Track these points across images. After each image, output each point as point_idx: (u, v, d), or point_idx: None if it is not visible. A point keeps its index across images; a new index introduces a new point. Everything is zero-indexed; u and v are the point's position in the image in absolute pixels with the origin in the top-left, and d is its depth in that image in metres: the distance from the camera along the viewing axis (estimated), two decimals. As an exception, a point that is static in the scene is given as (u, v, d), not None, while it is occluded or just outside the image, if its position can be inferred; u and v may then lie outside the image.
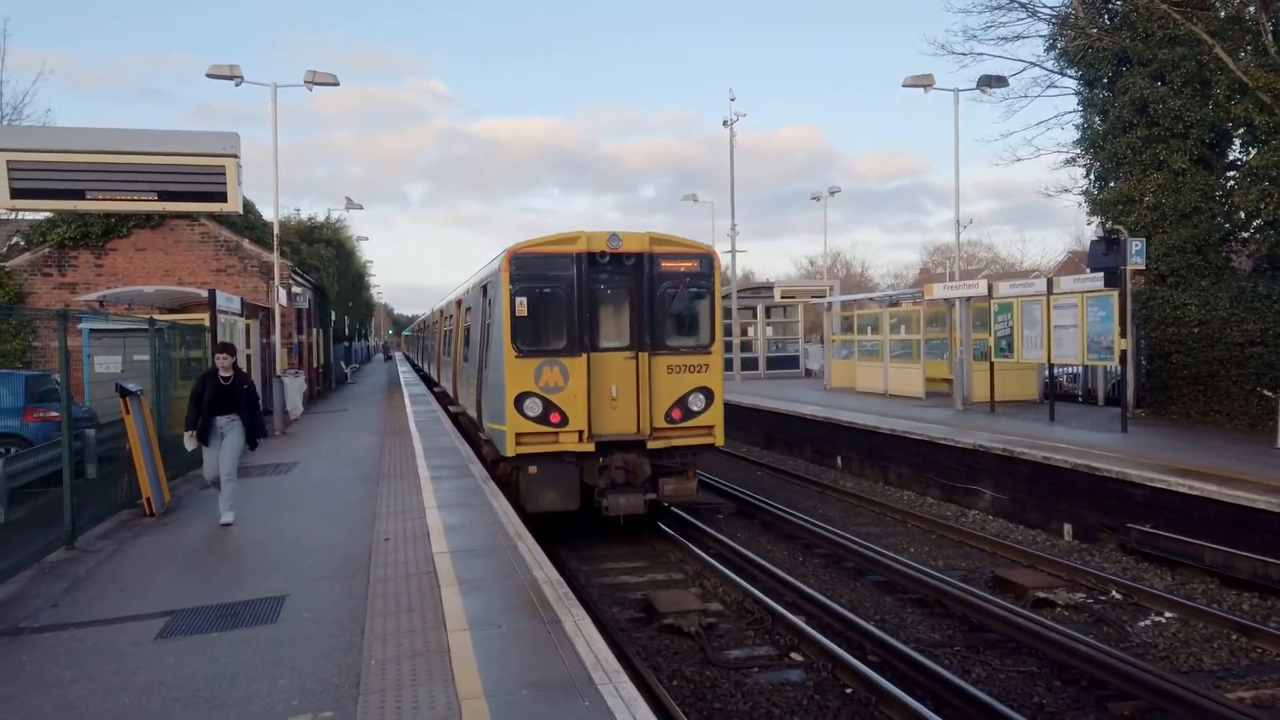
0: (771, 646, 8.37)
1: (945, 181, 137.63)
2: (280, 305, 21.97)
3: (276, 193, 21.94)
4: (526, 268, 11.87)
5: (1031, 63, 23.02)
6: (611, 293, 12.18)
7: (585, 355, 11.80)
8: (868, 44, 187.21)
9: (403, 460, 14.29)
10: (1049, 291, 16.86)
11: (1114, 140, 19.50)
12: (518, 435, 11.68)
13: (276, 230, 21.76)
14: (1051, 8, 21.90)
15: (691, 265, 12.35)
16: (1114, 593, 9.70)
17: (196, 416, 9.96)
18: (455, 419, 20.32)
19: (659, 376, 12.06)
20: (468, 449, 15.50)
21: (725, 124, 32.47)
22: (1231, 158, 19.59)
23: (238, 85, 19.94)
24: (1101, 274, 16.79)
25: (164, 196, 9.46)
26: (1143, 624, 8.88)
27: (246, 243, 24.67)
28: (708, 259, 12.54)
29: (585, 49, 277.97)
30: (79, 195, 9.22)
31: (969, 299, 20.01)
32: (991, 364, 19.04)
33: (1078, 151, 21.70)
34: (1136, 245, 17.40)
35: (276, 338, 22.73)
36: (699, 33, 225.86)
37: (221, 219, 23.63)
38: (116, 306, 19.36)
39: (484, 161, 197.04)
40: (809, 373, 34.47)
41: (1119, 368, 15.70)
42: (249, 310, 20.65)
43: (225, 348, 10.38)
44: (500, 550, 8.28)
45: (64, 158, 9.05)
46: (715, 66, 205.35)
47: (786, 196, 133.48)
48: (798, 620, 8.61)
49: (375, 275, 68.39)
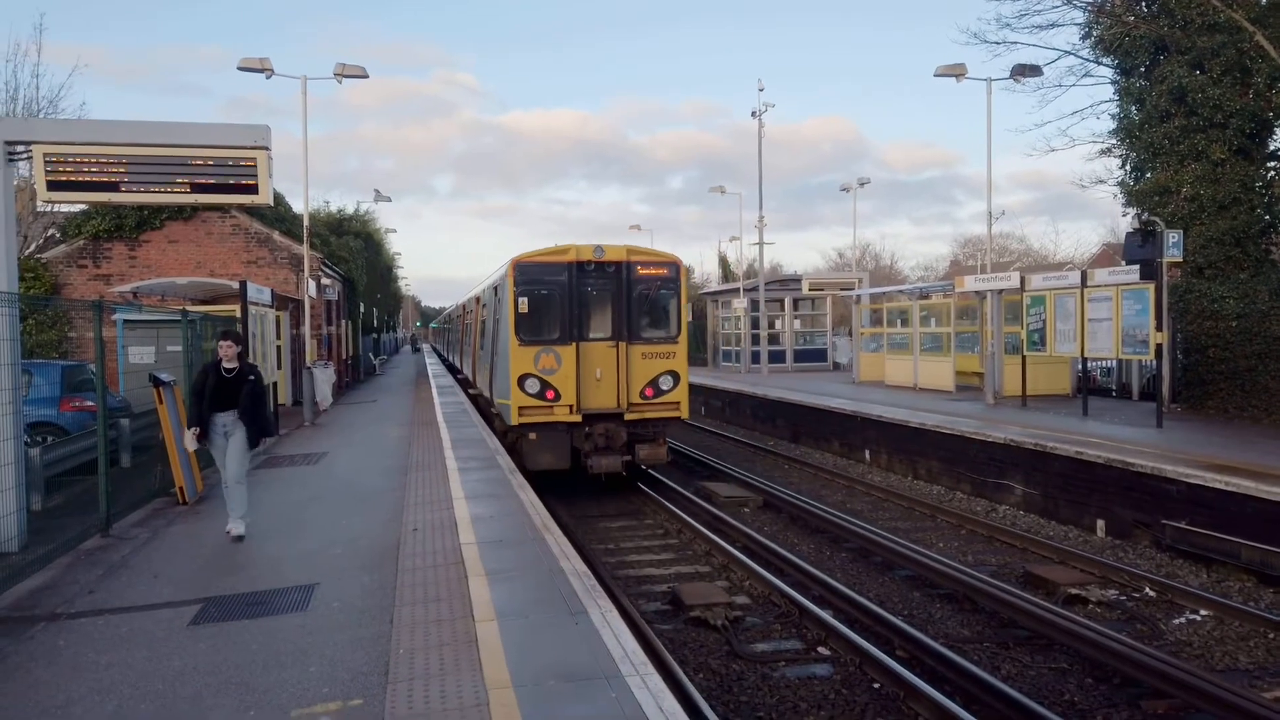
0: (798, 640, 8.33)
1: (977, 173, 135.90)
2: (310, 297, 22.16)
3: (306, 185, 22.19)
4: (527, 274, 14.45)
5: (1066, 51, 22.68)
6: (596, 294, 14.65)
7: (575, 344, 14.36)
8: (899, 34, 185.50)
9: (430, 451, 14.38)
10: (1083, 284, 16.61)
11: (1151, 130, 19.15)
12: (520, 408, 14.26)
13: (306, 222, 21.96)
14: (1087, -5, 21.55)
15: (661, 271, 14.87)
16: (1148, 590, 9.56)
17: (198, 413, 9.00)
18: (475, 400, 22.73)
19: (635, 362, 14.59)
20: (495, 441, 15.58)
21: (754, 115, 32.22)
22: (1272, 148, 19.16)
23: (268, 78, 20.16)
24: (1137, 266, 16.49)
25: (196, 189, 9.49)
26: (1177, 622, 8.74)
27: (277, 235, 24.93)
28: (675, 266, 15.04)
29: (613, 41, 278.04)
30: (113, 188, 9.28)
31: (1000, 291, 19.77)
32: (1023, 357, 18.80)
33: (1113, 142, 21.32)
34: (1173, 237, 17.09)
35: (306, 329, 22.94)
36: (727, 26, 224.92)
37: (252, 211, 23.89)
38: (150, 298, 19.65)
39: (511, 153, 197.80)
40: (837, 366, 34.26)
41: (1154, 362, 15.46)
42: (279, 302, 20.85)
43: (228, 334, 9.27)
44: (528, 541, 8.30)
45: (99, 150, 9.12)
46: (743, 58, 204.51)
47: (815, 188, 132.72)
48: (825, 614, 8.57)
49: (403, 267, 68.75)
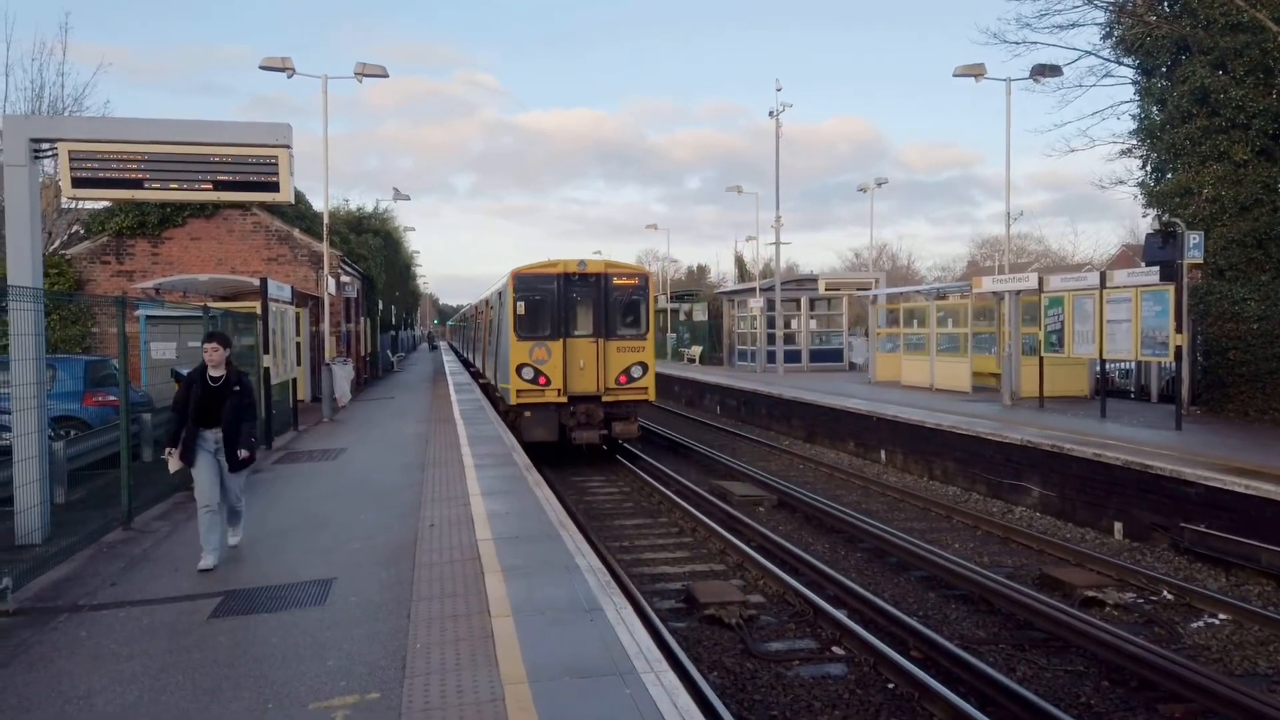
0: (813, 640, 8.33)
1: (996, 173, 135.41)
2: (329, 294, 22.33)
3: (326, 183, 22.29)
4: (525, 283, 17.62)
5: (1087, 51, 22.48)
6: (580, 299, 17.73)
7: (563, 340, 17.44)
8: (918, 35, 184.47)
9: (447, 448, 14.46)
10: (1102, 285, 16.50)
11: (1172, 131, 18.99)
12: (517, 391, 17.34)
13: (326, 220, 22.12)
14: (1109, -6, 21.38)
15: (633, 281, 18.00)
16: (1165, 593, 9.50)
17: (179, 429, 7.72)
18: (485, 389, 25.83)
19: (611, 354, 17.62)
20: (511, 439, 15.66)
21: (771, 115, 32.17)
22: (1295, 149, 18.99)
23: (289, 77, 20.33)
24: (1157, 268, 16.38)
25: (219, 186, 9.59)
26: (1195, 625, 8.68)
27: (297, 232, 25.12)
28: (644, 277, 18.42)
29: (633, 41, 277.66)
30: (137, 185, 9.39)
31: (1018, 292, 19.66)
32: (1041, 359, 18.70)
33: (1134, 142, 21.17)
34: (1194, 238, 16.96)
35: (325, 326, 23.12)
36: (748, 27, 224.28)
37: (273, 209, 24.10)
38: (172, 294, 19.84)
39: (530, 153, 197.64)
40: (853, 366, 34.15)
41: (1174, 364, 15.34)
42: (299, 299, 21.01)
43: (215, 336, 8.02)
44: (543, 538, 8.35)
45: (123, 148, 9.23)
46: (764, 59, 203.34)
47: (832, 189, 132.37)
48: (840, 614, 8.56)
49: (421, 265, 69.00)
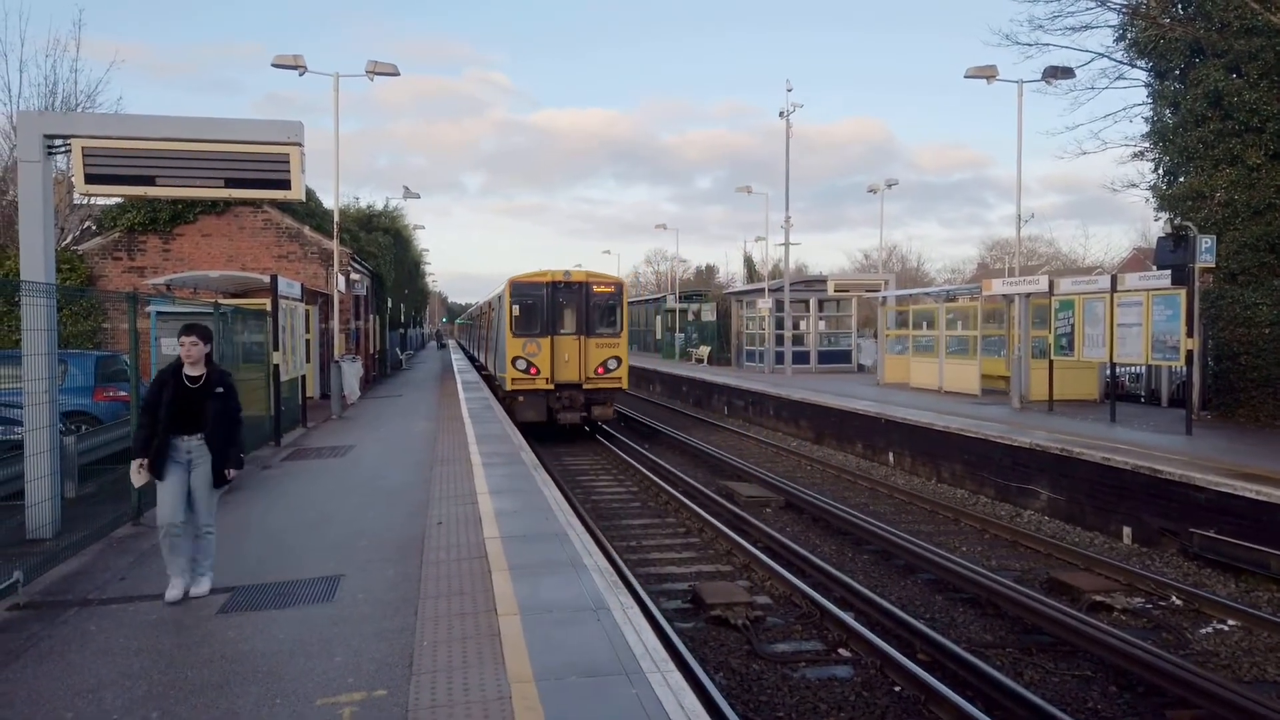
0: (819, 641, 8.32)
1: (1008, 175, 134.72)
2: (339, 291, 22.40)
3: (337, 181, 22.40)
4: (520, 289, 20.99)
5: (1099, 53, 22.44)
6: (566, 303, 21.06)
7: (550, 337, 20.79)
8: (931, 37, 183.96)
9: (455, 446, 14.49)
10: (1113, 289, 16.43)
11: (1185, 134, 18.90)
12: (512, 379, 20.72)
13: (337, 218, 22.19)
14: (1122, -4, 21.28)
15: (610, 289, 21.46)
16: (1174, 598, 9.46)
17: (150, 436, 6.61)
18: (487, 380, 29.38)
19: (590, 349, 20.96)
20: (519, 438, 15.67)
21: (781, 115, 32.09)
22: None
23: (301, 75, 20.40)
24: (1168, 271, 16.33)
25: (230, 183, 9.62)
26: (1204, 631, 8.65)
27: (307, 230, 25.18)
28: (619, 285, 21.99)
29: (645, 42, 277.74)
30: (149, 181, 9.42)
31: (1029, 295, 19.60)
32: (1051, 362, 18.63)
33: (1146, 145, 21.05)
34: (1206, 242, 16.86)
35: (335, 323, 23.18)
36: (762, 30, 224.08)
37: (284, 206, 24.16)
38: (182, 290, 19.92)
39: (541, 152, 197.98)
40: (861, 368, 34.10)
41: (1184, 368, 15.25)
42: (309, 296, 21.06)
43: (194, 329, 6.79)
44: (550, 537, 8.36)
45: (135, 145, 9.26)
46: (778, 60, 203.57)
47: (843, 190, 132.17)
48: (846, 616, 8.55)
49: (431, 263, 69.20)
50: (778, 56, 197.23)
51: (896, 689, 7.23)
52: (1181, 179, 19.36)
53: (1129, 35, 20.52)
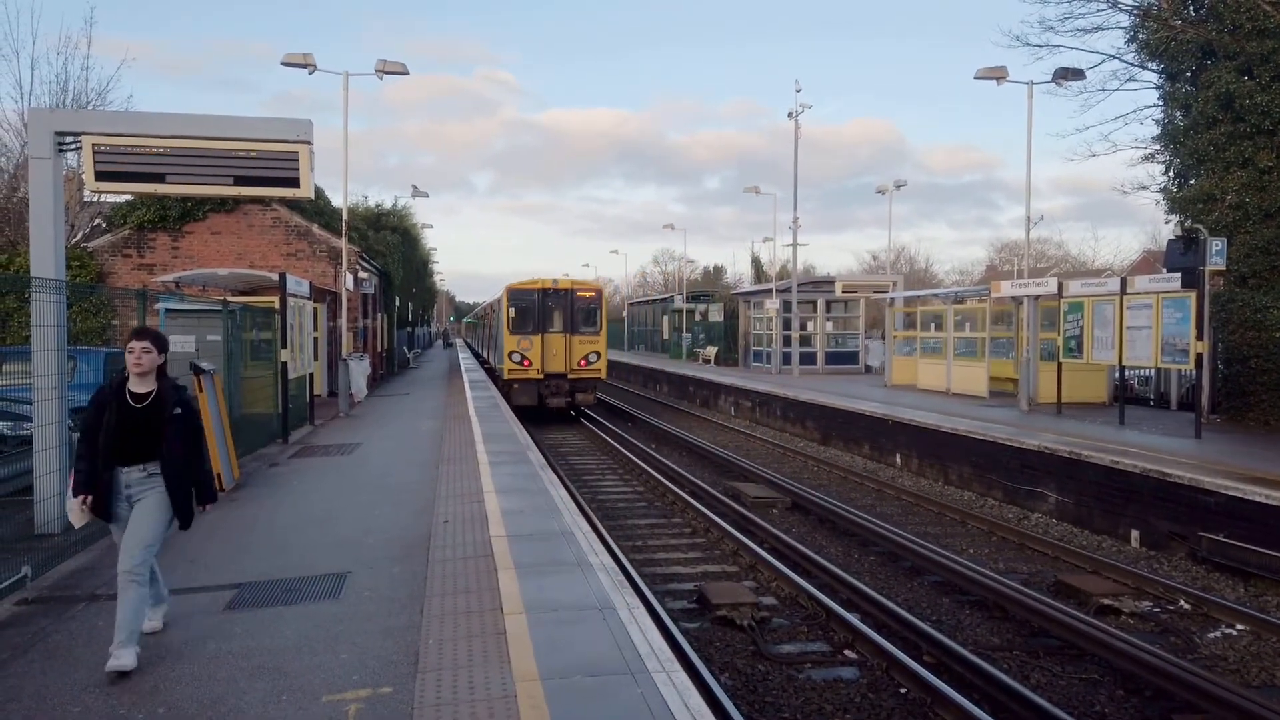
0: (825, 643, 8.30)
1: (1017, 177, 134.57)
2: (347, 290, 22.45)
3: (346, 179, 22.42)
4: (515, 294, 24.88)
5: (1110, 55, 22.44)
6: (554, 306, 24.91)
7: (541, 334, 24.62)
8: (941, 38, 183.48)
9: (462, 445, 14.50)
10: (1122, 291, 16.38)
11: (1196, 136, 18.83)
12: (508, 370, 24.51)
13: (345, 217, 22.23)
14: (1134, -1, 21.21)
15: (591, 294, 25.50)
16: (1182, 602, 9.41)
17: (92, 468, 5.44)
18: (489, 372, 33.24)
19: (574, 345, 24.82)
20: (526, 437, 15.68)
21: (790, 115, 32.06)
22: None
23: (310, 74, 20.45)
24: (1178, 274, 16.25)
25: (239, 181, 9.64)
26: (1212, 636, 8.60)
27: (316, 228, 25.25)
28: (599, 292, 26.05)
29: (656, 44, 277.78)
30: (159, 179, 9.46)
31: (1037, 297, 19.54)
32: (1059, 364, 18.57)
33: (1157, 147, 21.02)
34: (1217, 245, 16.79)
35: (343, 322, 23.23)
36: (773, 31, 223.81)
37: (293, 205, 24.23)
38: (191, 287, 19.98)
39: (550, 152, 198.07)
40: (869, 369, 34.01)
41: (1194, 371, 15.19)
42: (317, 294, 21.13)
43: (145, 333, 5.62)
44: (556, 536, 8.36)
45: (145, 142, 9.29)
46: (788, 61, 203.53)
47: (852, 191, 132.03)
48: (852, 618, 8.53)
49: (439, 262, 69.24)
50: (790, 58, 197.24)
51: (902, 691, 7.21)
52: (1192, 181, 19.30)
53: (1140, 37, 20.47)
